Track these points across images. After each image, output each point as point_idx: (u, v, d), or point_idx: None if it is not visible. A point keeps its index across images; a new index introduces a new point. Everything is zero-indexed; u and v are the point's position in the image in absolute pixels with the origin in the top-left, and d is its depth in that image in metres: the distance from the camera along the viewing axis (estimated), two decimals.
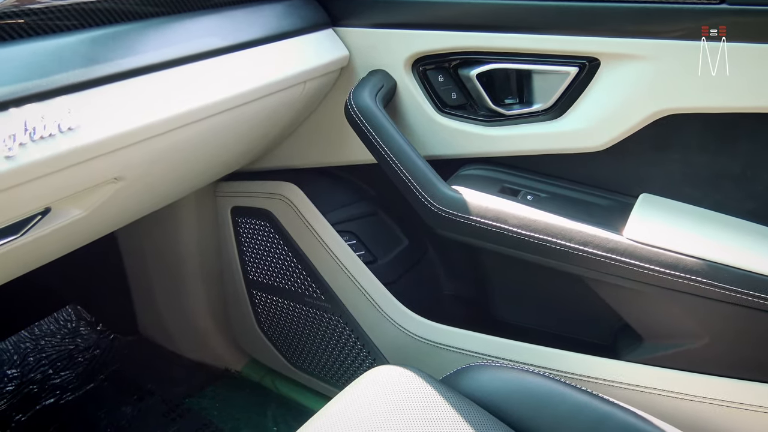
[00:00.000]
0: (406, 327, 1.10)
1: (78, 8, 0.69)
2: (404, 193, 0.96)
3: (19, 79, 0.60)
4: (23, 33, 0.64)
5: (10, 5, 0.63)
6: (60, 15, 0.68)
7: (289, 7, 0.99)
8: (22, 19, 0.64)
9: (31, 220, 0.69)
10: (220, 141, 0.93)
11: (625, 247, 0.84)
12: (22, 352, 1.45)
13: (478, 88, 0.98)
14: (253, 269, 1.30)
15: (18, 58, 0.62)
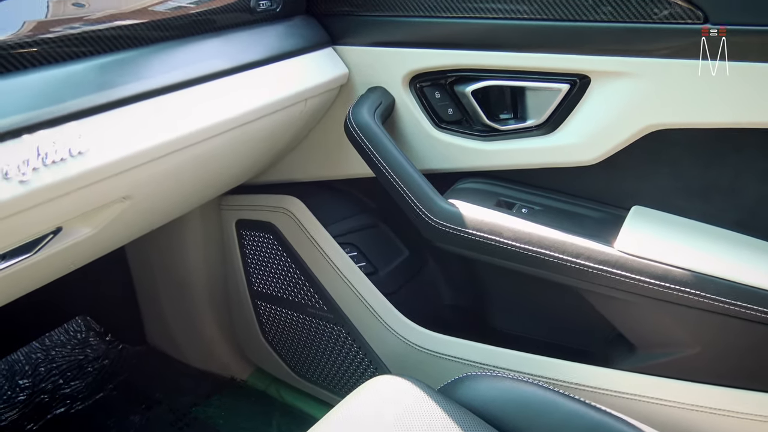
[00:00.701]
0: (406, 336, 1.13)
1: (88, 36, 0.72)
2: (402, 206, 0.98)
3: (31, 107, 0.63)
4: (35, 61, 0.67)
5: (24, 35, 0.66)
6: (71, 43, 0.70)
7: (290, 28, 1.02)
8: (35, 48, 0.67)
9: (43, 239, 0.72)
10: (225, 158, 0.96)
11: (616, 259, 0.86)
12: (33, 362, 1.48)
13: (473, 104, 1.01)
14: (258, 280, 1.33)
15: (31, 86, 0.65)
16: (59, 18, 0.70)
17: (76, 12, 0.72)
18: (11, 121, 0.61)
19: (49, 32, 0.68)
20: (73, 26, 0.70)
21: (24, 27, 0.66)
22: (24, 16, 0.66)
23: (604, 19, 0.87)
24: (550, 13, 0.90)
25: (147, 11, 0.80)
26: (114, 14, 0.75)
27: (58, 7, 0.70)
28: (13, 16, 0.65)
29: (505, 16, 0.94)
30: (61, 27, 0.69)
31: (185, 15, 0.85)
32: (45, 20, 0.68)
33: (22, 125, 0.61)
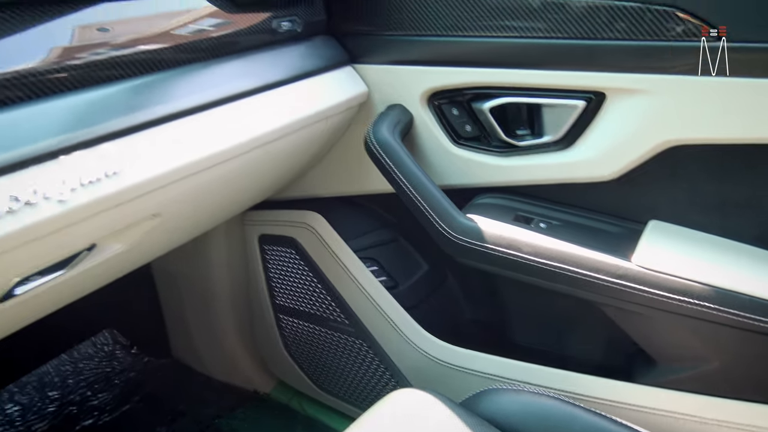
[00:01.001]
0: (427, 350, 1.14)
1: (118, 60, 0.75)
2: (422, 221, 1.00)
3: (68, 129, 0.66)
4: (69, 85, 0.70)
5: (54, 61, 0.69)
6: (102, 67, 0.73)
7: (310, 48, 1.05)
8: (66, 73, 0.70)
9: (78, 256, 0.75)
10: (249, 176, 0.99)
11: (634, 274, 0.87)
12: (62, 374, 1.52)
13: (491, 120, 1.03)
14: (280, 294, 1.35)
15: (66, 109, 0.68)
16: (86, 43, 0.72)
17: (102, 37, 0.74)
18: (49, 143, 0.64)
19: (79, 57, 0.71)
20: (102, 51, 0.73)
21: (51, 53, 0.68)
22: (51, 43, 0.69)
23: (619, 36, 0.89)
24: (566, 30, 0.92)
25: (173, 35, 0.83)
26: (141, 38, 0.78)
27: (83, 33, 0.73)
28: (41, 43, 0.68)
29: (521, 34, 0.95)
30: (89, 52, 0.72)
31: (210, 38, 0.88)
32: (73, 46, 0.71)
33: (59, 147, 0.64)
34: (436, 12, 1.00)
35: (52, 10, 0.69)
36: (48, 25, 0.69)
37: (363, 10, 1.07)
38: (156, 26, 0.82)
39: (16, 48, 0.65)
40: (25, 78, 0.64)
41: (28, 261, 0.68)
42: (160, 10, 0.84)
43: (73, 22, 0.72)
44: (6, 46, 0.64)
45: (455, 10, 0.98)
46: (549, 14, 0.92)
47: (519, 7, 0.94)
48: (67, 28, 0.71)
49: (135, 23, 0.79)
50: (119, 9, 0.79)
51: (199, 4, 0.87)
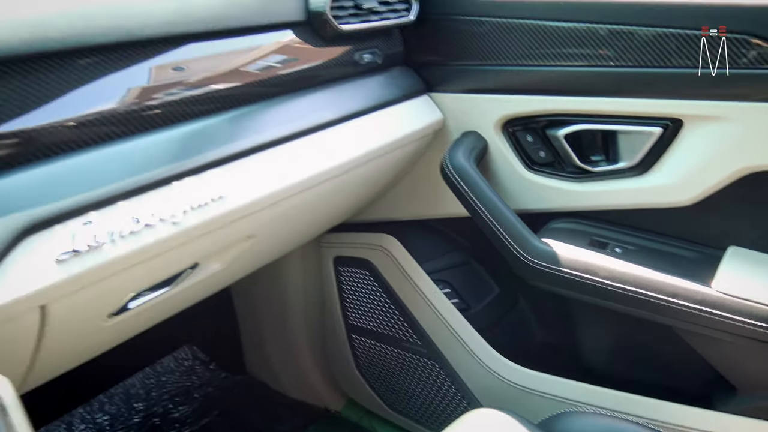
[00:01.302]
0: (499, 372, 1.16)
1: (216, 95, 0.81)
2: (497, 245, 1.03)
3: (177, 158, 0.72)
4: (175, 118, 0.76)
5: (159, 98, 0.74)
6: (202, 101, 0.79)
7: (389, 78, 1.10)
8: (170, 108, 0.75)
9: (182, 274, 0.81)
10: (330, 200, 1.04)
11: (714, 299, 0.87)
12: (146, 387, 1.60)
13: (565, 147, 1.05)
14: (353, 315, 1.39)
15: (175, 140, 0.74)
16: (187, 80, 0.78)
17: (200, 74, 0.79)
18: (163, 171, 0.70)
19: (183, 93, 0.76)
20: (202, 87, 0.79)
21: (157, 90, 0.74)
22: (157, 81, 0.74)
23: (690, 64, 0.90)
24: (635, 58, 0.94)
25: (265, 70, 0.89)
26: (237, 74, 0.84)
27: (175, 71, 0.77)
28: (149, 81, 0.73)
29: (590, 63, 0.98)
30: (191, 88, 0.77)
31: (298, 71, 0.93)
32: (175, 82, 0.76)
33: (171, 174, 0.71)
34: (508, 42, 1.04)
35: (156, 50, 0.75)
36: (150, 64, 0.74)
37: (438, 42, 1.11)
38: (249, 62, 0.88)
39: (125, 86, 0.72)
40: (136, 112, 0.71)
41: (143, 278, 0.75)
42: (251, 45, 0.90)
43: (173, 60, 0.77)
44: (115, 84, 0.71)
45: (525, 40, 1.02)
46: (617, 42, 0.94)
47: (587, 35, 0.97)
48: (168, 66, 0.77)
49: (231, 59, 0.85)
50: (216, 46, 0.85)
51: (287, 39, 0.93)
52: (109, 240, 0.63)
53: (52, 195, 0.61)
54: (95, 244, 0.62)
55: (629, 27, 0.93)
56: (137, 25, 0.71)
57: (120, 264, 0.65)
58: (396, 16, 1.05)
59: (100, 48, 0.68)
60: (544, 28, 1.00)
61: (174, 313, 0.96)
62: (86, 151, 0.66)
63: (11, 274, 0.57)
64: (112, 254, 0.63)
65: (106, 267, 0.63)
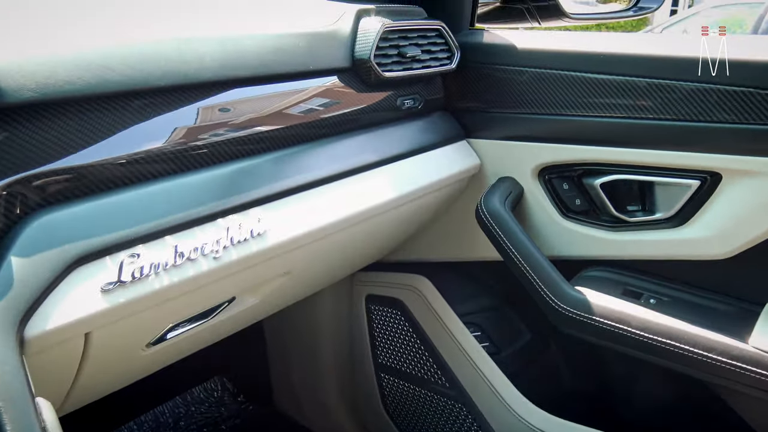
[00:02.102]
0: (527, 419, 1.14)
1: (263, 136, 0.84)
2: (530, 291, 1.03)
3: (223, 196, 0.75)
4: (223, 157, 0.79)
5: (207, 138, 0.77)
6: (249, 141, 0.82)
7: (428, 123, 1.13)
8: (218, 147, 0.78)
9: (220, 307, 0.84)
10: (366, 240, 1.06)
11: (751, 356, 0.86)
12: (176, 416, 1.62)
13: (601, 196, 1.06)
14: (383, 353, 1.40)
15: (222, 178, 0.77)
16: (235, 121, 0.81)
17: (248, 115, 0.82)
18: (209, 207, 0.73)
19: (231, 134, 0.79)
20: (249, 128, 0.82)
21: (206, 130, 0.77)
22: (198, 121, 0.77)
23: (728, 119, 0.90)
24: (674, 112, 0.94)
25: (310, 113, 0.92)
26: (283, 116, 0.87)
27: (226, 112, 0.81)
28: (190, 121, 0.76)
29: (631, 114, 0.99)
30: (239, 129, 0.81)
31: (341, 114, 0.97)
32: (222, 123, 0.79)
33: (216, 210, 0.74)
34: (546, 91, 1.05)
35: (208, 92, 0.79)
36: (203, 105, 0.78)
37: (478, 89, 1.14)
38: (295, 105, 0.91)
39: (178, 125, 0.75)
40: (186, 151, 0.74)
41: (182, 310, 0.77)
42: (297, 89, 0.93)
43: (223, 102, 0.81)
44: (169, 123, 0.74)
45: (564, 90, 1.03)
46: (657, 95, 0.95)
47: (626, 87, 0.98)
48: (220, 108, 0.80)
49: (278, 101, 0.89)
50: (265, 89, 0.89)
51: (332, 84, 0.97)
52: (153, 272, 0.66)
53: (102, 228, 0.64)
54: (139, 276, 0.64)
55: (668, 81, 0.94)
56: (192, 70, 0.75)
57: (161, 296, 0.67)
58: (438, 64, 1.08)
59: (154, 90, 0.72)
60: (582, 79, 1.01)
61: (209, 344, 0.98)
62: (137, 188, 0.69)
63: (61, 302, 0.60)
64: (155, 286, 0.66)
65: (148, 298, 0.66)
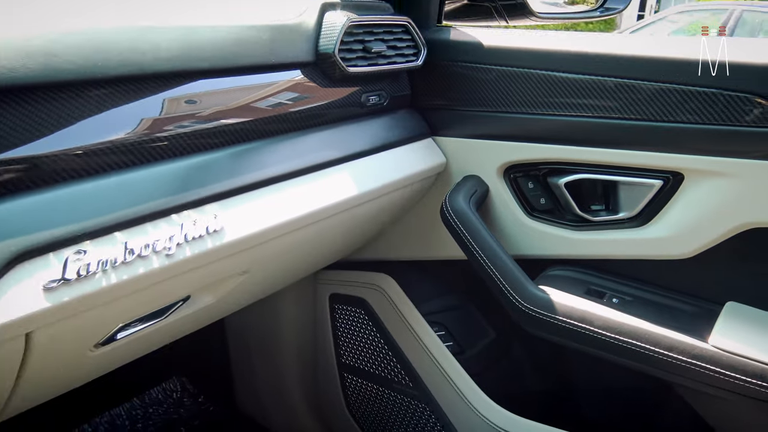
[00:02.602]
0: (491, 419, 1.14)
1: (221, 130, 0.81)
2: (493, 290, 1.02)
3: (178, 191, 0.73)
4: (179, 151, 0.76)
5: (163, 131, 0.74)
6: (207, 135, 0.80)
7: (394, 120, 1.11)
8: (173, 141, 0.75)
9: (174, 306, 0.81)
10: (328, 238, 1.04)
11: (710, 355, 0.86)
12: (132, 418, 1.58)
13: (566, 195, 1.05)
14: (346, 353, 1.38)
15: (178, 173, 0.74)
16: (192, 113, 0.78)
17: (205, 108, 0.80)
18: (162, 203, 0.70)
19: (187, 127, 0.77)
20: (206, 121, 0.79)
21: (161, 123, 0.74)
22: (160, 113, 0.75)
23: (692, 120, 0.90)
24: (639, 111, 0.94)
25: (270, 107, 0.89)
26: (241, 110, 0.85)
27: (183, 105, 0.78)
28: (144, 114, 0.73)
29: (597, 114, 0.99)
30: (195, 122, 0.78)
31: (304, 110, 0.94)
32: (179, 115, 0.77)
33: (170, 206, 0.71)
34: (513, 90, 1.05)
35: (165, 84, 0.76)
36: (159, 98, 0.75)
37: (444, 87, 1.12)
38: (256, 99, 0.88)
39: (132, 117, 0.72)
40: (140, 144, 0.71)
41: (133, 309, 0.74)
42: (258, 83, 0.91)
43: (181, 95, 0.78)
44: (123, 115, 0.71)
45: (531, 89, 1.03)
46: (622, 94, 0.95)
47: (593, 86, 0.98)
48: (177, 100, 0.77)
49: (238, 95, 0.86)
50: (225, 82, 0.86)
51: (295, 79, 0.94)
52: (100, 270, 0.63)
53: (48, 222, 0.61)
54: (85, 273, 0.61)
55: (635, 81, 0.94)
56: (148, 60, 0.72)
57: (109, 294, 0.64)
58: (404, 60, 1.06)
59: (108, 80, 0.68)
60: (550, 78, 1.01)
61: (163, 344, 0.95)
62: (85, 181, 0.66)
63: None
64: (102, 284, 0.63)
65: (94, 297, 0.63)
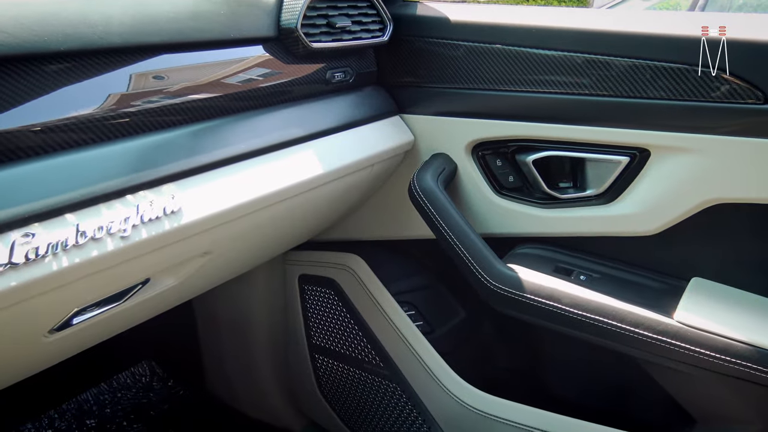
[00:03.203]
0: (460, 397, 1.14)
1: (179, 107, 0.79)
2: (461, 269, 1.01)
3: (134, 170, 0.70)
4: (134, 130, 0.74)
5: (118, 108, 0.72)
6: (164, 113, 0.77)
7: (360, 97, 1.09)
8: (128, 118, 0.73)
9: (133, 289, 0.79)
10: (295, 218, 1.02)
11: (675, 330, 0.87)
12: (100, 403, 1.55)
13: (534, 172, 1.05)
14: (317, 334, 1.37)
15: (132, 152, 0.72)
16: (149, 90, 0.76)
17: (163, 85, 0.77)
18: (116, 183, 0.68)
19: (143, 104, 0.74)
20: (164, 98, 0.77)
21: (117, 99, 0.72)
22: (116, 90, 0.72)
23: (663, 96, 0.90)
24: (609, 88, 0.94)
25: (231, 84, 0.87)
26: (201, 87, 0.82)
27: (146, 81, 0.76)
28: (107, 90, 0.71)
29: (565, 90, 0.98)
30: (153, 99, 0.76)
31: (267, 87, 0.92)
32: (136, 92, 0.74)
33: (125, 186, 0.68)
34: (481, 66, 1.03)
35: (119, 60, 0.73)
36: (114, 74, 0.72)
37: (411, 63, 1.11)
38: (216, 75, 0.86)
39: (84, 94, 0.69)
40: (93, 122, 0.69)
41: (88, 293, 0.72)
42: (220, 59, 0.88)
43: (136, 70, 0.75)
44: (74, 92, 0.68)
45: (499, 65, 1.01)
46: (593, 71, 0.95)
47: (563, 63, 0.97)
48: (132, 76, 0.75)
49: (197, 71, 0.84)
50: (183, 58, 0.83)
51: (256, 54, 0.92)
52: (50, 253, 0.60)
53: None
54: (34, 257, 0.59)
55: (606, 57, 0.93)
56: (98, 34, 0.69)
57: (61, 278, 0.62)
58: (369, 36, 1.04)
59: (56, 55, 0.65)
60: (519, 54, 1.00)
61: (125, 329, 0.93)
62: (35, 161, 0.63)
63: None
64: (52, 268, 0.60)
65: (45, 281, 0.60)
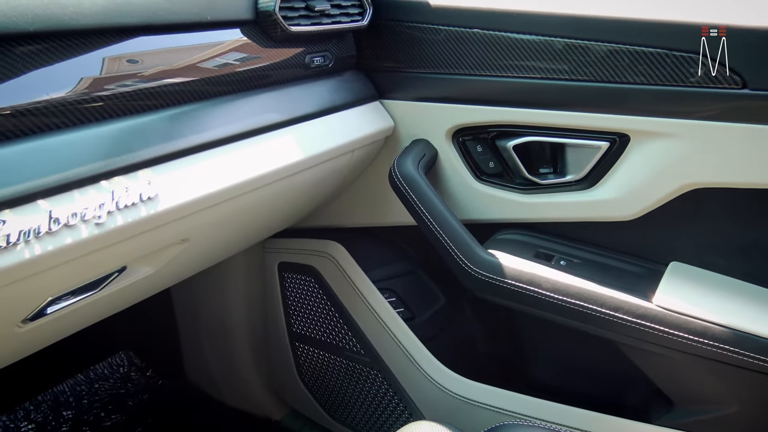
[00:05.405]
0: (442, 383, 1.14)
1: (155, 91, 0.77)
2: (442, 255, 1.01)
3: (108, 155, 0.68)
4: (109, 114, 0.72)
5: (92, 91, 0.70)
6: (140, 96, 0.75)
7: (339, 82, 1.08)
8: (103, 102, 0.71)
9: (109, 277, 0.77)
10: (274, 204, 1.01)
11: (654, 314, 0.88)
12: (77, 394, 1.53)
13: (514, 158, 1.05)
14: (297, 322, 1.36)
15: (107, 136, 0.70)
16: (126, 74, 0.74)
17: (140, 68, 0.76)
18: (90, 168, 0.66)
19: (120, 87, 0.72)
20: (140, 82, 0.75)
21: (91, 83, 0.70)
22: (90, 73, 0.70)
23: (642, 81, 0.90)
24: (589, 73, 0.94)
25: (209, 68, 0.85)
26: (178, 70, 0.80)
27: (122, 64, 0.74)
28: (82, 73, 0.69)
29: (545, 75, 0.98)
30: (129, 83, 0.74)
31: (244, 71, 0.90)
32: (112, 76, 0.72)
33: (100, 172, 0.67)
34: (462, 51, 1.03)
35: (92, 42, 0.71)
36: (87, 56, 0.71)
37: (391, 48, 1.09)
38: (192, 59, 0.84)
39: (56, 77, 0.67)
40: (66, 106, 0.67)
41: (63, 281, 0.70)
42: (196, 43, 0.87)
43: (109, 53, 0.73)
44: (46, 75, 0.66)
45: (480, 50, 1.01)
46: (572, 56, 0.95)
47: (543, 48, 0.96)
48: (106, 59, 0.73)
49: (173, 55, 0.82)
50: (158, 41, 0.81)
51: (234, 38, 0.90)
52: (22, 241, 0.58)
53: None
54: (5, 244, 0.57)
55: (585, 42, 0.93)
56: (69, 15, 0.67)
57: (34, 266, 0.60)
58: (349, 20, 1.03)
59: (26, 36, 0.63)
60: (499, 39, 0.99)
61: (101, 318, 0.91)
62: (5, 146, 0.61)
63: None
64: (24, 256, 0.59)
65: (16, 269, 0.59)
